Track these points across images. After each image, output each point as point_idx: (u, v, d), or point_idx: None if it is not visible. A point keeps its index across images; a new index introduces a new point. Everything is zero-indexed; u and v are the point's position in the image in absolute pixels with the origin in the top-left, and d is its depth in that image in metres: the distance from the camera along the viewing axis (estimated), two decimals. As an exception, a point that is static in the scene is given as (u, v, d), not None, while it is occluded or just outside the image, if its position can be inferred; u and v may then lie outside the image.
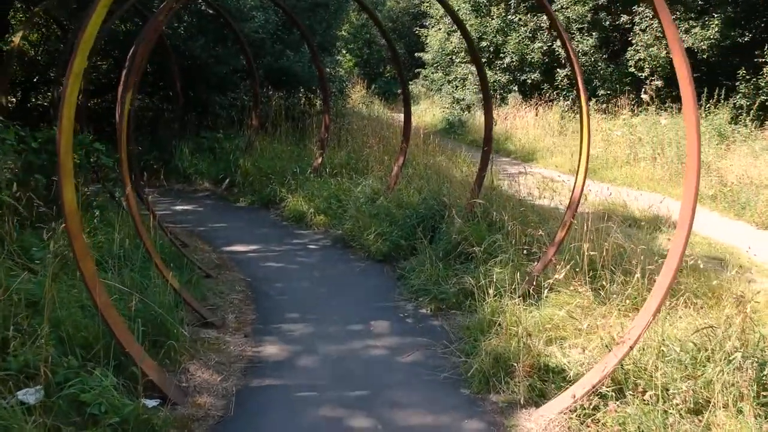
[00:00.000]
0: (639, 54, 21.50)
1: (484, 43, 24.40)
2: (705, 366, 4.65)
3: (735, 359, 4.47)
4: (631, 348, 4.41)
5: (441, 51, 27.17)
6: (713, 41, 20.14)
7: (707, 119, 17.66)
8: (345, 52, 33.21)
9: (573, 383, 4.74)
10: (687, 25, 20.64)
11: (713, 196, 12.78)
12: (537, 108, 22.23)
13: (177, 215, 10.68)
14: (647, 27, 21.17)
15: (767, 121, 17.17)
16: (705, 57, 20.63)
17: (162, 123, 15.08)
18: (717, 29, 20.03)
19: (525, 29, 23.47)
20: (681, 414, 4.24)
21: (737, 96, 18.52)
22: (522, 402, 4.76)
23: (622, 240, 7.28)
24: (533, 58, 23.20)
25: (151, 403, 4.44)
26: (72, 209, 4.32)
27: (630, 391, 4.49)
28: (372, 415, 4.61)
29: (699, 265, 6.36)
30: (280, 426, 4.46)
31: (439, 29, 28.48)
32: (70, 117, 4.24)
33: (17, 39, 10.54)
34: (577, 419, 4.45)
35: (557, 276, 6.14)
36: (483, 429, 4.51)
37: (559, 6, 22.44)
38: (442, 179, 10.43)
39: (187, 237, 9.19)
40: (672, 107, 19.04)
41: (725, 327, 4.91)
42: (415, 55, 30.37)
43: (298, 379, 5.11)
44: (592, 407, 4.46)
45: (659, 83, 21.26)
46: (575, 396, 4.49)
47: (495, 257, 6.92)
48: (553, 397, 4.75)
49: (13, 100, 17.00)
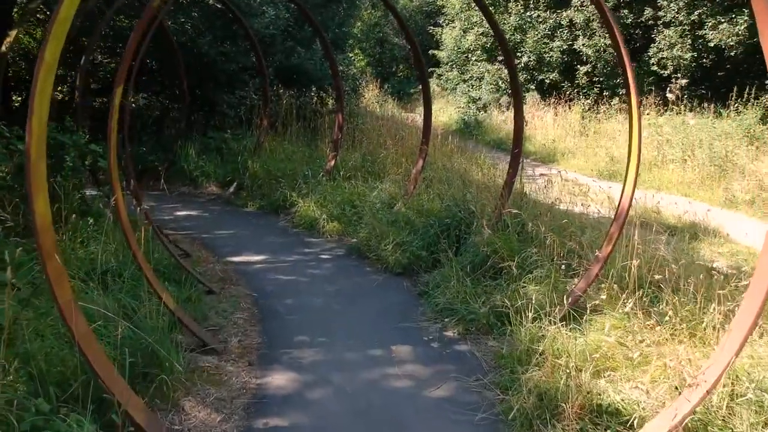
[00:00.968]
0: (662, 52, 20.70)
1: (501, 41, 23.66)
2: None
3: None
4: (709, 393, 3.69)
5: (456, 49, 26.43)
6: (742, 38, 19.31)
7: (736, 120, 16.87)
8: (357, 50, 32.53)
9: (632, 429, 4.03)
10: (714, 21, 19.82)
11: (750, 200, 12.00)
12: (556, 108, 21.48)
13: (180, 221, 10.02)
14: (672, 20, 20.37)
15: (801, 121, 16.36)
16: (732, 54, 19.81)
17: (167, 122, 14.44)
18: (746, 25, 19.21)
19: (544, 27, 22.69)
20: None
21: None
22: (574, 452, 4.05)
23: (665, 251, 6.57)
24: (552, 57, 22.42)
25: (137, 454, 3.77)
26: (44, 225, 3.63)
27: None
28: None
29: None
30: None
31: (454, 27, 27.75)
32: (41, 116, 3.55)
33: (11, 37, 9.92)
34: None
35: (603, 296, 5.44)
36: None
37: (579, 3, 21.68)
38: (464, 183, 9.72)
39: (190, 245, 8.52)
40: (705, 108, 18.22)
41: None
42: (429, 53, 29.65)
43: (308, 418, 4.41)
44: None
45: (683, 82, 20.48)
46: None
47: (529, 273, 6.21)
48: (611, 447, 4.04)
49: (19, 99, 16.48)
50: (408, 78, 35.63)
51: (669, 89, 20.18)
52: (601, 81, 21.80)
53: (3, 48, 9.78)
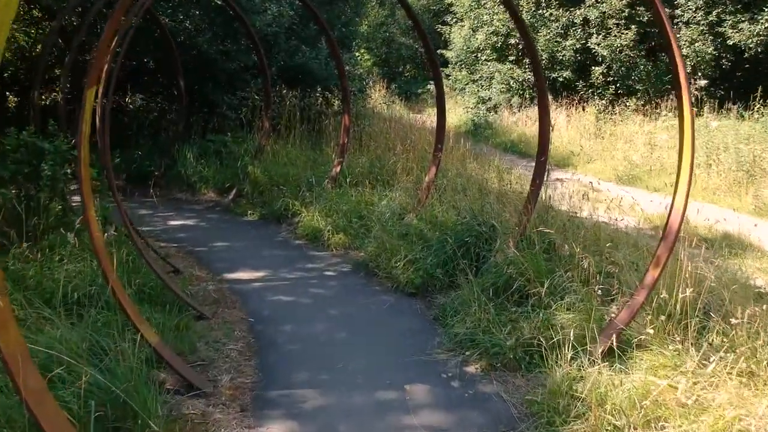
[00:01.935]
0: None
1: (512, 40, 22.92)
2: None
3: None
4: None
5: (465, 48, 25.67)
6: (763, 37, 18.57)
7: (759, 122, 16.14)
8: (363, 50, 31.81)
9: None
10: (733, 20, 19.09)
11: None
12: (569, 108, 20.72)
13: (174, 231, 9.33)
14: (690, 20, 19.63)
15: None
16: (752, 54, 19.08)
17: (164, 125, 13.76)
18: (767, 24, 18.47)
19: (556, 25, 21.93)
20: None
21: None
22: None
23: (706, 270, 5.85)
24: (565, 55, 21.67)
25: None
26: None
27: None
28: None
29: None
30: None
31: (463, 25, 27.01)
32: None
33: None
34: None
35: (649, 330, 4.72)
36: None
37: (593, 0, 20.95)
38: (480, 192, 9.01)
39: (183, 260, 7.83)
40: (725, 109, 17.49)
41: None
42: (438, 53, 28.91)
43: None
44: None
45: (703, 83, 19.73)
46: None
47: (561, 298, 5.49)
48: None
49: (16, 99, 15.89)
50: (415, 78, 34.93)
51: (688, 90, 19.43)
52: (617, 81, 21.06)
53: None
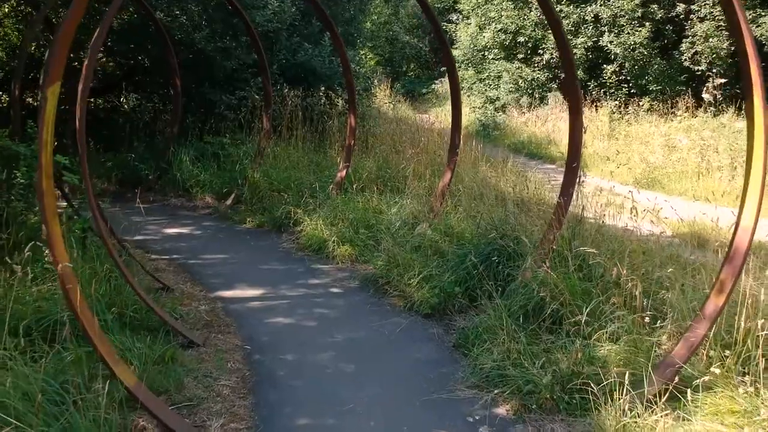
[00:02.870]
0: (696, 46, 19.21)
1: (521, 38, 22.21)
2: None
3: None
4: None
5: (472, 47, 24.95)
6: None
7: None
8: (366, 49, 31.11)
9: None
10: (753, 14, 18.34)
11: (819, 215, 10.51)
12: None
13: (167, 241, 8.65)
14: (706, 16, 18.87)
15: None
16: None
17: (160, 126, 13.06)
18: (789, 18, 17.76)
19: (567, 22, 21.19)
20: None
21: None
22: None
23: (755, 288, 5.14)
24: (575, 54, 20.93)
25: None
26: None
27: None
28: None
29: None
30: None
31: (470, 23, 26.32)
32: None
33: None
34: None
35: (715, 369, 4.02)
36: None
37: (604, -1, 20.28)
38: (498, 200, 8.31)
39: (174, 275, 7.13)
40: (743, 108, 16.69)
41: None
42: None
43: None
44: None
45: (721, 81, 18.98)
46: None
47: (602, 327, 4.78)
48: None
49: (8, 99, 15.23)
50: (419, 77, 34.26)
51: (705, 89, 18.70)
52: (630, 80, 20.34)
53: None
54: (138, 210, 10.54)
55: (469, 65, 25.87)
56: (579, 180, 6.13)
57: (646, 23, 19.69)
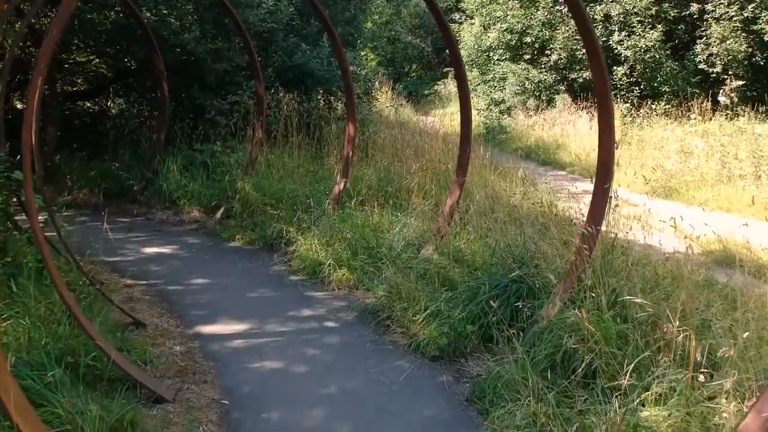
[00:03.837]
0: (711, 48, 18.43)
1: (527, 39, 21.42)
2: None
3: None
4: None
5: (476, 47, 24.14)
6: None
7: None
8: (367, 50, 30.33)
9: None
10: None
11: None
12: (590, 112, 19.22)
13: (147, 262, 7.85)
14: (722, 16, 18.08)
15: None
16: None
17: (146, 132, 12.28)
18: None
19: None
20: None
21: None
22: None
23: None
24: (585, 54, 20.14)
25: None
26: None
27: None
28: None
29: None
30: None
31: (473, 23, 25.55)
32: None
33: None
34: None
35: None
36: None
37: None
38: (511, 217, 7.53)
39: (150, 305, 6.35)
40: (760, 112, 16.00)
41: None
42: (447, 52, 27.46)
43: None
44: None
45: (738, 83, 18.20)
46: None
47: (646, 387, 3.99)
48: None
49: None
50: (421, 78, 33.51)
51: (722, 92, 17.92)
52: (641, 82, 19.55)
53: None
54: (120, 225, 9.84)
55: (473, 66, 25.06)
56: (610, 203, 5.33)
57: (658, 24, 18.91)
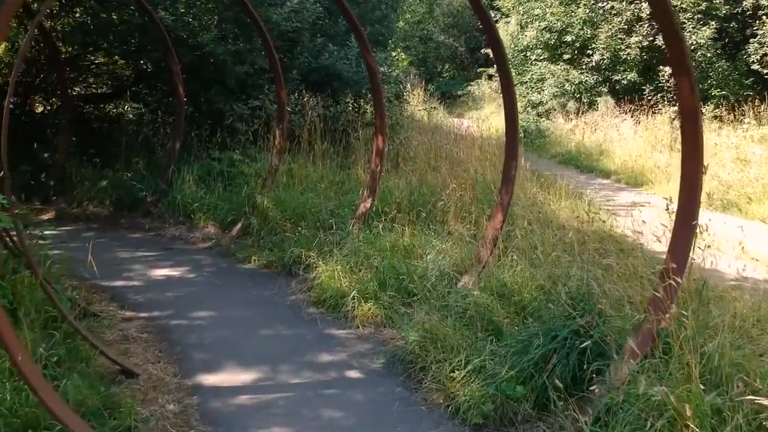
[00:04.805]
0: (766, 47, 17.18)
1: (568, 37, 20.29)
2: None
3: None
4: None
5: (512, 47, 23.03)
6: None
7: None
8: (399, 50, 29.40)
9: None
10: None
11: None
12: (635, 115, 18.09)
13: (152, 289, 7.04)
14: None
15: None
16: None
17: (161, 140, 11.53)
18: None
19: (619, 20, 19.28)
20: None
21: None
22: None
23: None
24: (629, 54, 18.99)
25: None
26: None
27: None
28: None
29: None
30: None
31: (509, 21, 24.49)
32: None
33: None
34: None
35: None
36: None
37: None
38: (563, 242, 6.58)
39: (146, 346, 5.52)
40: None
41: None
42: (482, 52, 26.51)
43: None
44: None
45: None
46: None
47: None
48: None
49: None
50: (454, 78, 32.51)
51: (781, 94, 16.66)
52: (690, 83, 18.32)
53: None
54: (129, 240, 9.09)
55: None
56: (694, 243, 4.33)
57: (710, 21, 17.69)
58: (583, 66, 20.26)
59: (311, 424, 4.43)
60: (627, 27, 19.21)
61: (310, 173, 10.06)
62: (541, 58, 21.89)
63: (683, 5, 17.84)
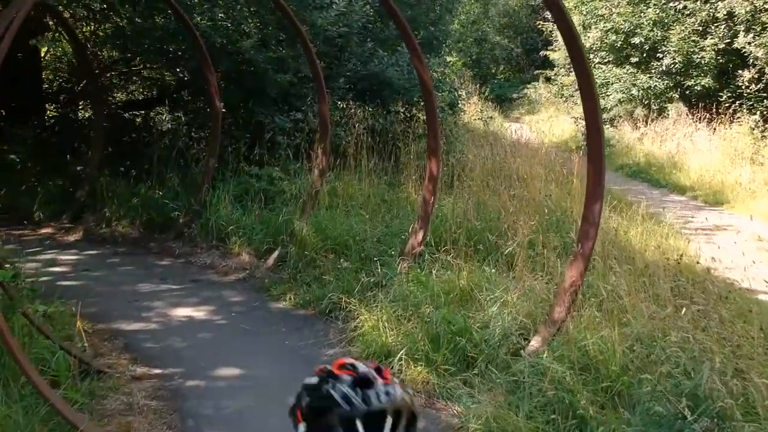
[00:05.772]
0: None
1: (636, 39, 18.88)
2: None
3: None
4: None
5: (574, 49, 21.69)
6: None
7: None
8: (453, 53, 28.27)
9: None
10: None
11: None
12: (711, 124, 16.63)
13: (171, 334, 6.15)
14: None
15: None
16: None
17: (196, 155, 10.73)
18: None
19: (693, 21, 17.79)
20: None
21: None
22: None
23: None
24: (704, 58, 17.49)
25: None
26: None
27: None
28: None
29: None
30: None
31: (570, 22, 23.12)
32: None
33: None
34: None
35: None
36: None
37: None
38: (653, 287, 5.46)
39: (155, 418, 4.61)
40: None
41: None
42: (540, 54, 25.25)
43: None
44: None
45: None
46: None
47: None
48: None
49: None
50: (509, 80, 31.29)
51: None
52: (773, 90, 16.80)
53: None
54: (156, 268, 8.29)
55: (570, 69, 22.65)
56: None
57: (796, 20, 16.14)
58: (652, 70, 18.84)
59: None
60: (701, 28, 17.72)
61: (355, 192, 9.13)
62: (606, 61, 20.54)
63: (765, 5, 16.30)
